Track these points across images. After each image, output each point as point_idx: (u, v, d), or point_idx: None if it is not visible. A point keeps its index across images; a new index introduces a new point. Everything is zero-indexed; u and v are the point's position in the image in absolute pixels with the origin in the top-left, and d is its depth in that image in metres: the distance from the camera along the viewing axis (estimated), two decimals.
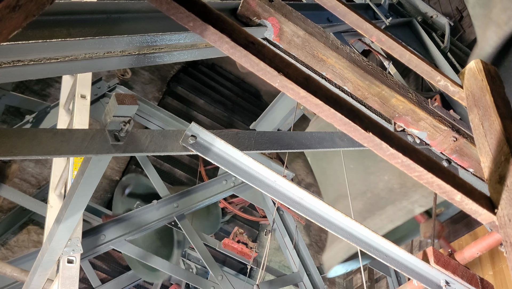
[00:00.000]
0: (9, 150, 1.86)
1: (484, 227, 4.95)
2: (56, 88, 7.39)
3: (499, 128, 1.49)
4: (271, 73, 1.20)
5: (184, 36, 2.01)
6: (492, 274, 5.05)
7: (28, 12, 0.72)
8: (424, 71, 2.24)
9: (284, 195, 2.35)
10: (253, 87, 10.69)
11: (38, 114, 5.16)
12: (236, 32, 1.18)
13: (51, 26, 1.65)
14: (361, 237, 2.48)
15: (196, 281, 5.56)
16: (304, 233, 9.07)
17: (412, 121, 2.52)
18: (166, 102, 8.95)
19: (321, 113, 1.25)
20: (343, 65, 2.35)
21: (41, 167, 6.95)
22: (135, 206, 4.87)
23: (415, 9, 5.53)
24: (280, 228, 5.49)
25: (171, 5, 1.10)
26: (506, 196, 1.34)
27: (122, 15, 1.89)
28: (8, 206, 6.19)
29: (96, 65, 1.84)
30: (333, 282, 9.04)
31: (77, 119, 3.41)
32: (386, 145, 1.31)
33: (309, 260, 5.47)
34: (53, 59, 1.67)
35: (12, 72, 1.60)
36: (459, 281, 2.54)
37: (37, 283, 3.15)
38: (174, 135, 2.24)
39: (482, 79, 1.71)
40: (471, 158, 2.65)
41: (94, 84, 4.59)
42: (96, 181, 2.56)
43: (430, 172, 1.33)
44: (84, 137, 2.05)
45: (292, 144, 2.72)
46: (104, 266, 6.81)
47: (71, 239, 3.03)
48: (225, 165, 2.27)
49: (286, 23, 2.21)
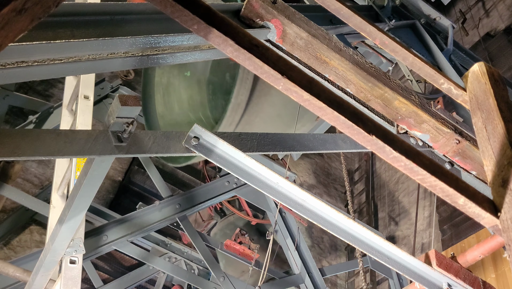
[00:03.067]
0: (12, 151, 1.87)
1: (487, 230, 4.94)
2: (59, 88, 7.40)
3: (502, 131, 1.49)
4: (275, 76, 1.20)
5: (187, 37, 2.02)
6: (494, 277, 5.04)
7: (34, 15, 0.72)
8: (427, 74, 2.24)
9: (286, 197, 2.35)
10: None
11: (41, 115, 5.17)
12: (240, 35, 1.19)
13: (55, 27, 1.65)
14: (363, 239, 2.48)
15: (198, 282, 5.56)
16: (306, 234, 9.07)
17: (415, 123, 2.52)
18: None
19: (324, 116, 1.25)
20: (346, 67, 2.35)
21: (44, 167, 6.97)
22: (137, 207, 4.88)
23: (418, 11, 5.52)
24: (282, 229, 5.49)
25: (176, 8, 1.11)
26: (509, 199, 1.34)
27: (125, 16, 1.90)
28: (11, 206, 6.20)
29: (100, 66, 1.84)
30: (334, 283, 9.04)
31: (80, 120, 3.42)
32: (389, 148, 1.31)
33: (310, 262, 5.47)
34: (56, 60, 1.68)
35: (16, 73, 1.60)
36: (461, 284, 2.54)
37: (39, 283, 3.15)
38: (177, 136, 2.25)
39: (486, 82, 1.71)
40: (473, 160, 2.65)
41: (97, 85, 4.61)
42: (99, 181, 2.57)
43: (433, 175, 1.33)
44: (87, 139, 2.05)
45: (295, 146, 2.72)
46: (106, 267, 6.82)
47: (74, 240, 3.04)
48: (228, 167, 2.27)
49: (289, 25, 2.21)
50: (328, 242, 9.47)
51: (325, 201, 2.48)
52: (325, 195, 10.07)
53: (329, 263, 9.15)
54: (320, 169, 10.40)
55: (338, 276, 9.16)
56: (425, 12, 5.63)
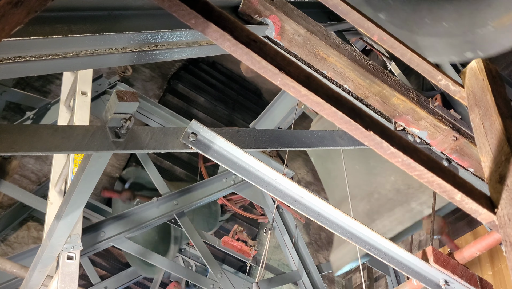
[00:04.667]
0: (10, 146, 1.86)
1: (484, 226, 4.95)
2: (57, 84, 7.38)
3: (499, 128, 1.49)
4: (273, 71, 1.20)
5: (185, 33, 2.01)
6: (491, 274, 5.06)
7: (30, 8, 0.72)
8: (425, 70, 2.24)
9: (284, 193, 2.35)
10: (253, 85, 10.68)
11: (38, 111, 5.16)
12: (238, 30, 1.18)
13: (52, 22, 1.65)
14: (361, 236, 2.48)
15: (196, 279, 5.57)
16: (304, 231, 9.09)
17: (413, 120, 2.52)
18: (167, 100, 8.94)
19: (322, 112, 1.25)
20: (344, 64, 2.35)
21: (41, 163, 6.96)
22: (135, 203, 4.88)
23: None
24: (279, 226, 5.50)
25: (173, 2, 1.11)
26: (506, 195, 1.34)
27: (123, 12, 1.89)
28: (8, 202, 6.20)
29: (97, 62, 1.83)
30: (332, 280, 9.06)
31: (77, 116, 3.42)
32: (386, 143, 1.31)
33: (308, 259, 5.48)
34: (54, 56, 1.67)
35: (13, 68, 1.60)
36: (458, 280, 2.55)
37: (36, 280, 3.15)
38: (174, 132, 2.25)
39: (483, 79, 1.71)
40: (471, 157, 2.65)
41: (95, 81, 4.59)
42: (97, 177, 2.57)
43: (431, 171, 1.33)
44: (84, 134, 2.05)
45: (293, 142, 2.72)
46: (103, 263, 6.82)
47: (71, 236, 3.04)
48: (225, 163, 2.27)
49: (287, 21, 2.21)
50: (325, 239, 9.49)
51: (322, 198, 2.48)
52: (322, 192, 10.07)
53: (327, 259, 9.17)
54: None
55: None
56: None
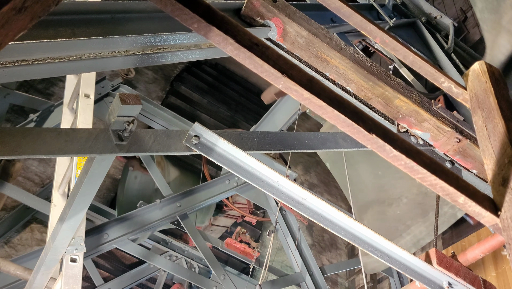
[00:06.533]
0: (13, 149, 1.87)
1: (488, 229, 4.93)
2: (60, 87, 7.41)
3: (502, 130, 1.49)
4: (275, 74, 1.20)
5: (188, 36, 2.02)
6: (495, 276, 5.04)
7: (34, 14, 0.72)
8: (428, 72, 2.24)
9: (287, 195, 2.35)
10: (256, 87, 10.69)
11: (42, 113, 5.17)
12: (241, 34, 1.19)
13: (56, 26, 1.65)
14: (363, 238, 2.48)
15: (199, 281, 5.57)
16: (307, 233, 9.08)
17: (416, 122, 2.52)
18: (170, 102, 8.95)
19: (325, 115, 1.25)
20: (346, 66, 2.34)
21: (45, 165, 6.98)
22: (138, 205, 4.89)
23: (419, 9, 5.51)
24: (282, 228, 5.50)
25: (176, 6, 1.11)
26: (509, 198, 1.34)
27: (126, 15, 1.90)
28: (11, 204, 6.21)
29: (100, 65, 1.84)
30: (335, 282, 9.04)
31: (81, 119, 3.42)
32: (389, 146, 1.31)
33: (311, 260, 5.47)
34: (57, 59, 1.68)
35: (16, 71, 1.60)
36: (462, 282, 2.54)
37: (40, 282, 3.16)
38: (177, 135, 2.25)
39: (486, 81, 1.71)
40: (474, 159, 2.64)
41: (98, 83, 4.60)
42: (100, 180, 2.57)
43: (433, 174, 1.33)
44: (88, 137, 2.05)
45: (295, 144, 2.72)
46: (107, 265, 6.83)
47: (74, 238, 3.04)
48: (228, 165, 2.27)
49: (289, 23, 2.21)
50: (328, 241, 9.48)
51: (325, 200, 2.48)
52: (325, 194, 10.07)
53: (330, 261, 9.16)
54: (321, 167, 10.40)
55: (339, 274, 9.17)
56: (425, 10, 5.62)
